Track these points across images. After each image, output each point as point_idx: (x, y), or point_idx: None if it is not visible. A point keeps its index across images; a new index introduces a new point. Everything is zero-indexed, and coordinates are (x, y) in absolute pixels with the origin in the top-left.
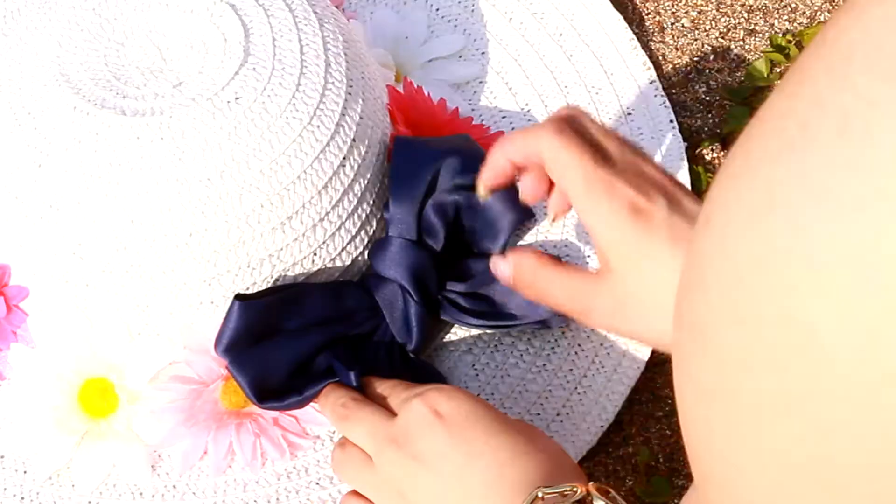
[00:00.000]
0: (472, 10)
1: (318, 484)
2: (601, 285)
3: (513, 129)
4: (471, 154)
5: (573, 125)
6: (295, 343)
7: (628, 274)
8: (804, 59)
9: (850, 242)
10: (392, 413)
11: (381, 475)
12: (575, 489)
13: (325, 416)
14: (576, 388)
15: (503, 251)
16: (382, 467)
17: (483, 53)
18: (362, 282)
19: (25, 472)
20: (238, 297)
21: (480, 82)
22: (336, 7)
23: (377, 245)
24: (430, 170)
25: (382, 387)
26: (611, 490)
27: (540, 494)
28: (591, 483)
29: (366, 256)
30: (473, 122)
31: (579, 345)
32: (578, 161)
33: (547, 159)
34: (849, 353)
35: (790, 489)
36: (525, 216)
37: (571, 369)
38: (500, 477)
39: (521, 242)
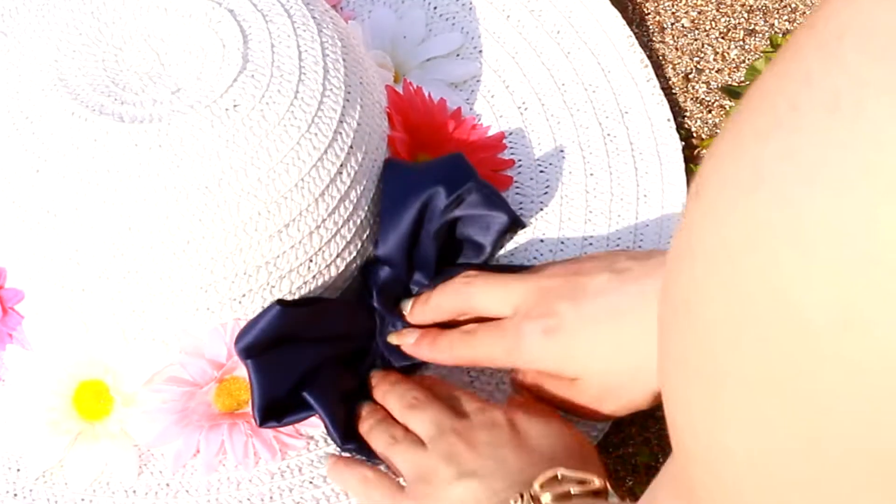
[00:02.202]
0: (470, 8)
1: (311, 483)
2: (576, 387)
3: (510, 128)
4: (460, 172)
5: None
6: (303, 357)
7: (587, 376)
8: (795, 37)
9: (838, 220)
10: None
11: (435, 452)
12: (593, 479)
13: (388, 404)
14: None
15: (485, 262)
16: (437, 447)
17: (480, 52)
18: (365, 301)
19: (19, 471)
20: (279, 302)
21: (478, 81)
22: (333, 6)
23: (369, 271)
24: (416, 204)
25: (456, 390)
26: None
27: (559, 475)
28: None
29: (359, 262)
30: (471, 122)
31: None
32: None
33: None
34: (833, 332)
35: (775, 471)
36: (515, 223)
37: None
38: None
39: (519, 242)
